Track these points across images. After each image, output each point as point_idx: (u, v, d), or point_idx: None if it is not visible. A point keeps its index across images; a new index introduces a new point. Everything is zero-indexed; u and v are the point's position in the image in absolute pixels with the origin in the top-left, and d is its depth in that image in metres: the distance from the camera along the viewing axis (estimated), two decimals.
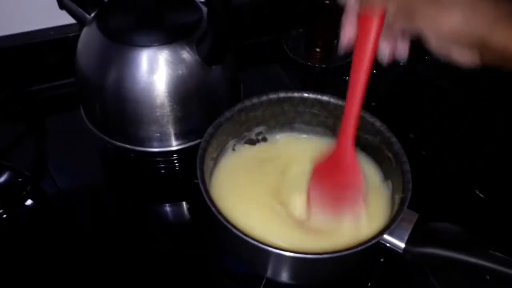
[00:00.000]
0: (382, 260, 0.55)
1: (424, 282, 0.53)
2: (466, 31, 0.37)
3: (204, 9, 0.60)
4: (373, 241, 0.43)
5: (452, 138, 0.73)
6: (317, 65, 0.82)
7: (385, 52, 0.43)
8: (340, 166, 0.50)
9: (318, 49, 0.83)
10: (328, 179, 0.51)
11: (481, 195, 0.64)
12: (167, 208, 0.64)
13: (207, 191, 0.48)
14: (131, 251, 0.57)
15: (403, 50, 0.43)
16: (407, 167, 0.49)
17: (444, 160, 0.69)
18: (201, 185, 0.48)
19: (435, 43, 0.39)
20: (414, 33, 0.40)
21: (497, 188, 0.65)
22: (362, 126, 0.55)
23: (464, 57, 0.38)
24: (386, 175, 0.55)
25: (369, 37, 0.40)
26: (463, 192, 0.64)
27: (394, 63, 0.44)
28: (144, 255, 0.56)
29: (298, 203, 0.54)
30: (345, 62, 0.82)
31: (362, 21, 0.41)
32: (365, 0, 0.40)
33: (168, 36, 0.56)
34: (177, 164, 0.66)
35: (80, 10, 0.60)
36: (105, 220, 0.60)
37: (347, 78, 0.89)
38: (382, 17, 0.40)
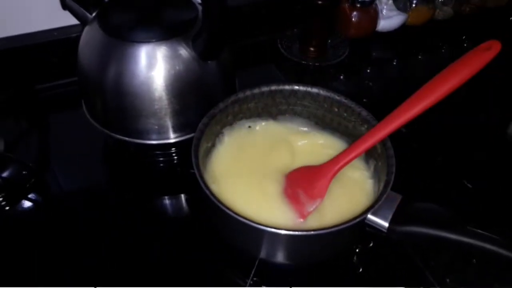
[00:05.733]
0: (371, 245, 0.56)
1: (413, 267, 0.55)
2: None
3: (200, 7, 0.62)
4: (357, 220, 0.45)
5: (444, 132, 0.74)
6: (311, 63, 0.84)
7: None
8: (314, 180, 0.53)
9: (312, 48, 0.84)
10: (299, 183, 0.54)
11: (469, 185, 0.65)
12: (166, 200, 0.65)
13: (202, 177, 0.49)
14: (130, 241, 0.58)
15: None
16: (391, 152, 0.51)
17: (434, 152, 0.70)
18: (196, 172, 0.49)
19: None
20: None
21: (484, 179, 0.66)
22: (348, 116, 0.58)
23: None
24: (372, 161, 0.56)
25: None
26: (452, 182, 0.66)
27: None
28: (143, 246, 0.58)
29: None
30: (338, 61, 0.85)
31: None
32: None
33: (165, 32, 0.58)
34: (175, 157, 0.68)
35: (82, 9, 0.62)
36: (105, 212, 0.61)
37: (340, 76, 0.90)
38: None
